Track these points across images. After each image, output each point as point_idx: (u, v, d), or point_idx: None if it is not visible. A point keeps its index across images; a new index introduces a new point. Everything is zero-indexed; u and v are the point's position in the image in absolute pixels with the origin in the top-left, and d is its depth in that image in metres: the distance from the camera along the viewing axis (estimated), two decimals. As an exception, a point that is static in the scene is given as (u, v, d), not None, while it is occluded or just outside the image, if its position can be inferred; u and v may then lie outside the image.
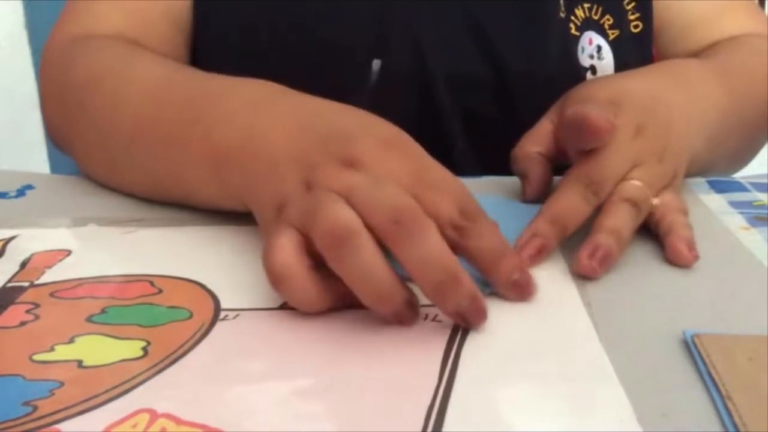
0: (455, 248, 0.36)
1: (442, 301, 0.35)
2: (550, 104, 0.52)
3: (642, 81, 0.50)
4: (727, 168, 0.62)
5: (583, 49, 0.63)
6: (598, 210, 0.43)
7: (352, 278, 0.34)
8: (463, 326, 0.36)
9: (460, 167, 0.51)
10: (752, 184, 0.55)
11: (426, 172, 0.38)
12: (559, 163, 0.50)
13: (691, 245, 0.43)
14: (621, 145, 0.44)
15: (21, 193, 0.54)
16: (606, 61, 0.64)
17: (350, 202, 0.35)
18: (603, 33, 0.64)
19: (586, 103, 0.44)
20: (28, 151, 0.55)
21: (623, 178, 0.44)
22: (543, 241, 0.42)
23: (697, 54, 0.65)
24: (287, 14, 0.61)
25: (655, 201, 0.45)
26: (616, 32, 0.64)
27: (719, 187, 0.54)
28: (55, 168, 0.92)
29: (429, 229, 0.34)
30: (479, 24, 0.62)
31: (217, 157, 0.44)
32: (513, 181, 0.52)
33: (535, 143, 0.50)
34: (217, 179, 0.44)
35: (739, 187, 0.54)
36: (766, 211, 0.50)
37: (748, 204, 0.51)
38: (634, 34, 0.66)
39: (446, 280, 0.34)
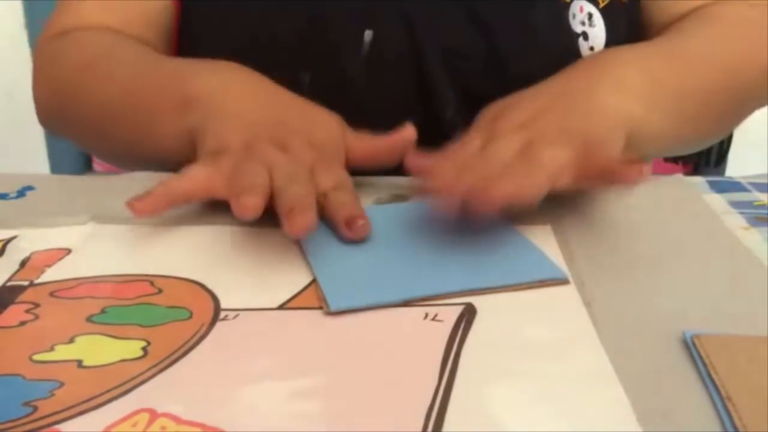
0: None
1: (285, 219, 0.42)
2: (542, 74, 0.54)
3: (540, 87, 0.53)
4: (702, 137, 0.64)
5: (574, 15, 0.64)
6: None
7: (236, 175, 0.45)
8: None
9: (450, 137, 0.51)
10: (752, 184, 0.55)
11: (326, 162, 0.49)
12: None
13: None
14: (506, 136, 0.47)
15: (21, 194, 0.54)
16: (597, 28, 0.65)
17: (269, 169, 0.46)
18: (593, 1, 0.65)
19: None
20: (28, 152, 0.55)
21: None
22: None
23: (666, 25, 0.66)
24: None
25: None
26: (606, 0, 0.65)
27: (719, 187, 0.54)
28: (55, 168, 0.92)
29: (304, 183, 0.45)
30: None
31: (186, 99, 0.54)
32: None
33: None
34: (179, 116, 0.54)
35: (739, 187, 0.54)
36: (766, 211, 0.50)
37: (748, 204, 0.51)
38: (623, 3, 0.66)
39: (295, 207, 0.42)
